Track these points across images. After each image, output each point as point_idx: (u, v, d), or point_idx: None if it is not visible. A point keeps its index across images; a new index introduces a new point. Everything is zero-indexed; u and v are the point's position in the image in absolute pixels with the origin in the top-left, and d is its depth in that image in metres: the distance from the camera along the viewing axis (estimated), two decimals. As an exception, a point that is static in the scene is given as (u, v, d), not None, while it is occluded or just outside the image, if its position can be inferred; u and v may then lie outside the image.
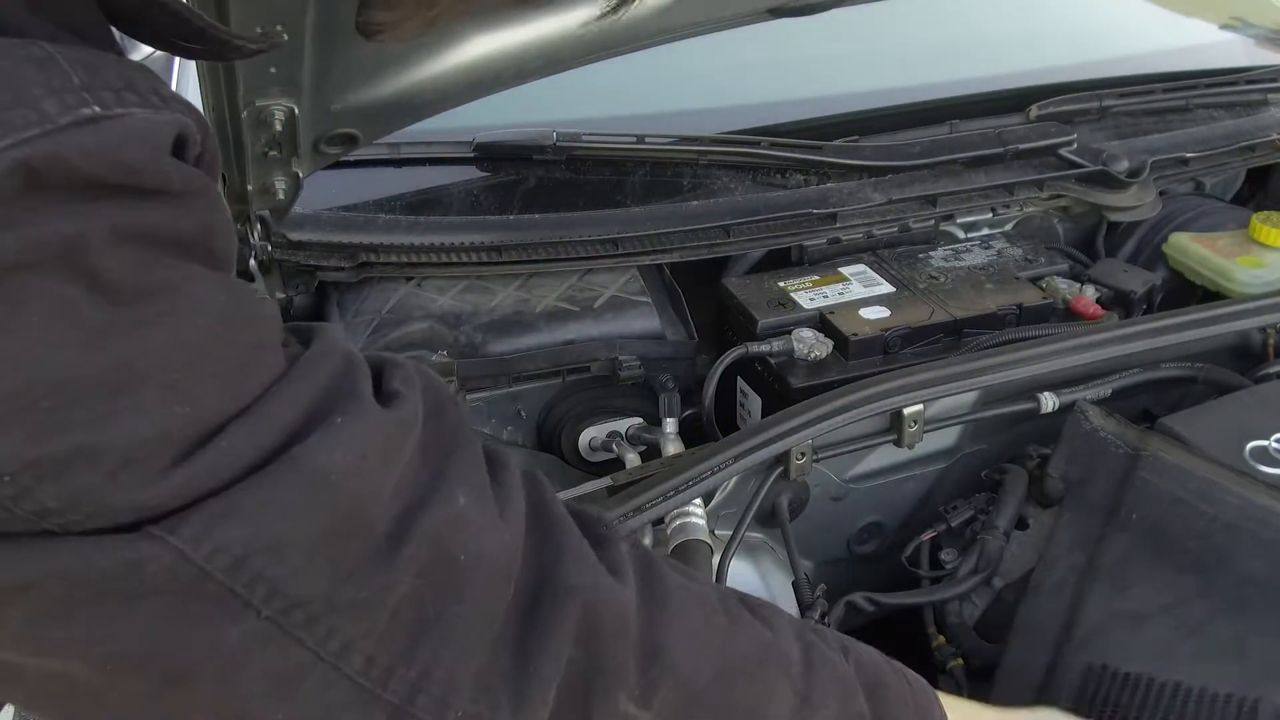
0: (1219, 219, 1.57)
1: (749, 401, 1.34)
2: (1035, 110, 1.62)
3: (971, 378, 1.11)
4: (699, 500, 1.02)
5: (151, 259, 0.48)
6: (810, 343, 1.25)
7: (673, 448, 1.20)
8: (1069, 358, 1.14)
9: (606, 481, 1.10)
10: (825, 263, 1.42)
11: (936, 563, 1.12)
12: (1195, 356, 1.20)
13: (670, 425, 1.24)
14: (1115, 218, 1.55)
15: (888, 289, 1.36)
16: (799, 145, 1.49)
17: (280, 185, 1.09)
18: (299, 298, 1.30)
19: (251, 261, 1.24)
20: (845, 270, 1.39)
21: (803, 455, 1.05)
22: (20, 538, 0.46)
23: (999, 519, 1.10)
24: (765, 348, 1.25)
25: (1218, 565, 0.95)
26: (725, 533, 1.07)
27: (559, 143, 1.42)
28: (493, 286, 1.34)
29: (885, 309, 1.31)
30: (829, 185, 1.47)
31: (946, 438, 1.18)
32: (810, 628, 0.76)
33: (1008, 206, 1.52)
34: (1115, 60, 1.83)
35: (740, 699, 0.67)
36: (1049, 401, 1.13)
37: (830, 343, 1.26)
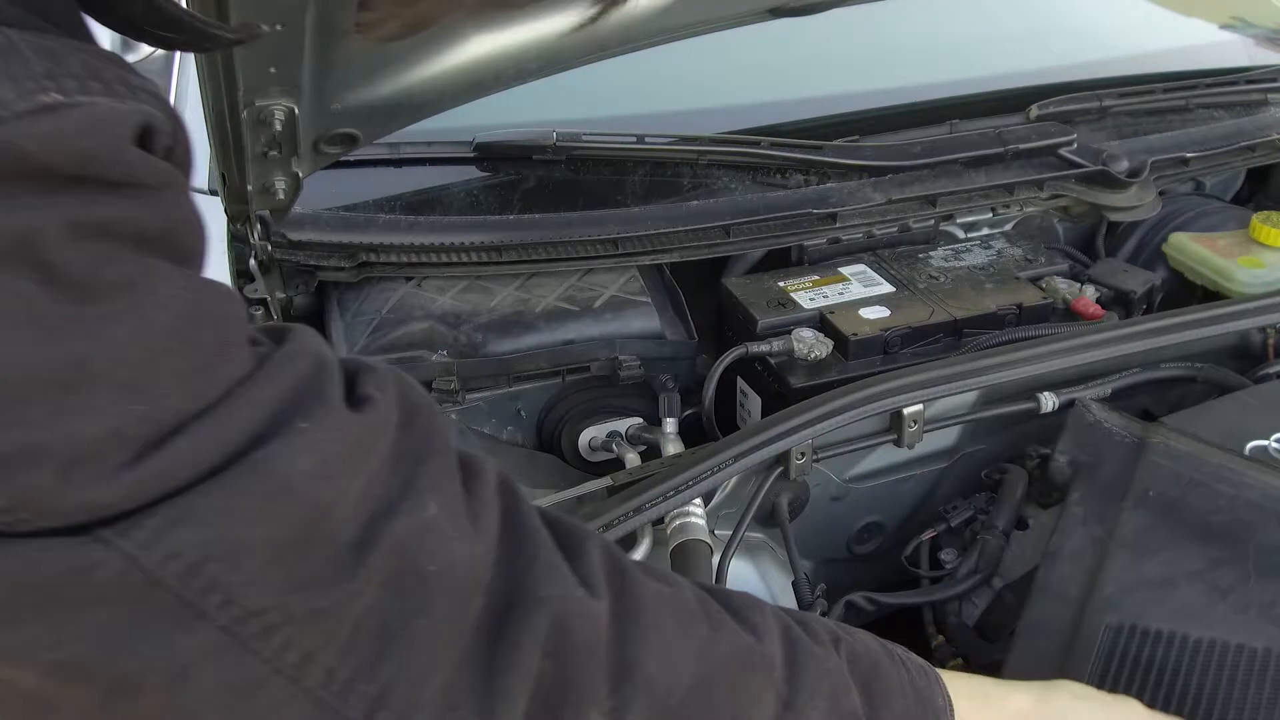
0: (1219, 219, 1.57)
1: (749, 401, 1.34)
2: (1035, 110, 1.62)
3: (971, 378, 1.11)
4: (699, 500, 1.02)
5: (111, 253, 0.47)
6: (810, 343, 1.25)
7: (673, 448, 1.20)
8: (1069, 358, 1.14)
9: (606, 481, 1.10)
10: (825, 263, 1.42)
11: (936, 563, 1.13)
12: (1195, 356, 1.20)
13: (670, 425, 1.24)
14: (1115, 218, 1.55)
15: (888, 289, 1.36)
16: (799, 145, 1.49)
17: (280, 185, 1.09)
18: (299, 298, 1.30)
19: (251, 261, 1.24)
20: (845, 270, 1.40)
21: (803, 455, 1.05)
22: None
23: (999, 519, 1.10)
24: (765, 348, 1.25)
25: (1246, 536, 0.94)
26: (725, 533, 1.07)
27: (559, 143, 1.42)
28: (493, 286, 1.34)
29: (885, 309, 1.31)
30: (829, 185, 1.47)
31: (946, 438, 1.18)
32: (800, 621, 0.74)
33: (1008, 206, 1.52)
34: (1115, 60, 1.83)
35: (719, 709, 0.65)
36: (1049, 401, 1.13)
37: (830, 343, 1.26)
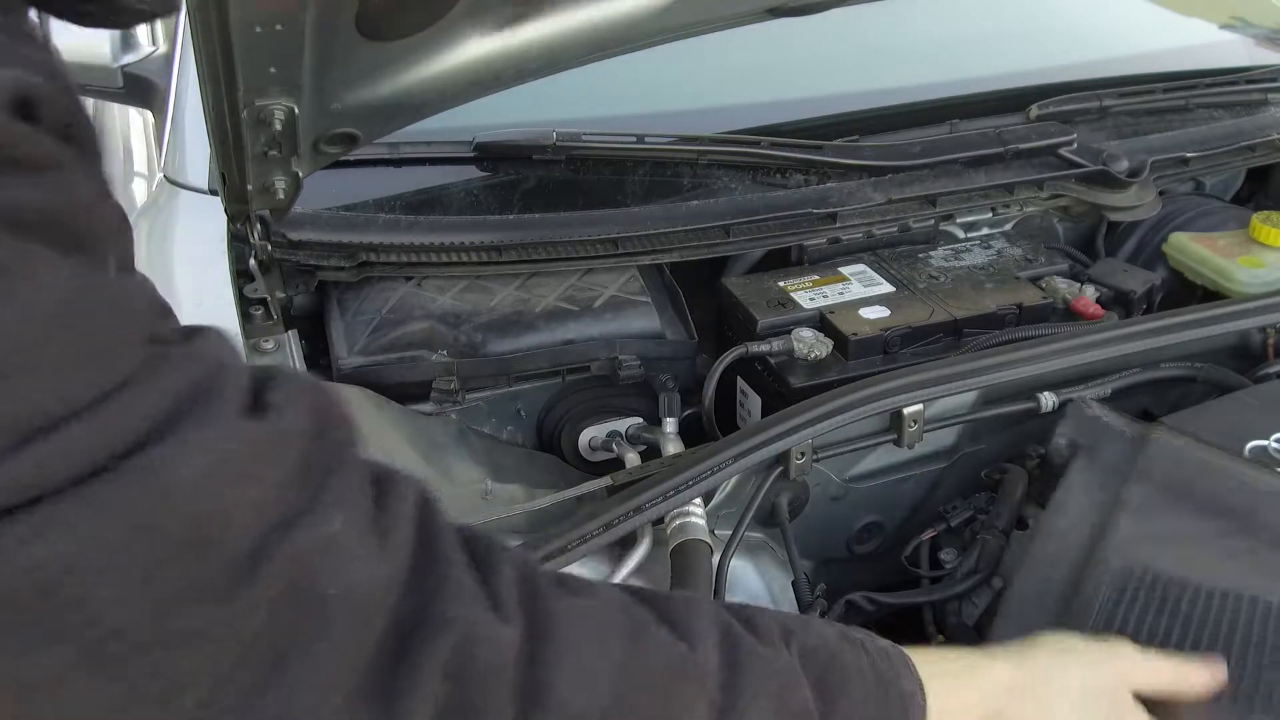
0: (1219, 219, 1.57)
1: (749, 401, 1.34)
2: (1035, 110, 1.62)
3: (971, 378, 1.11)
4: (699, 500, 1.02)
5: None
6: (810, 342, 1.25)
7: (673, 447, 1.20)
8: (1069, 358, 1.14)
9: (606, 481, 1.10)
10: (825, 262, 1.42)
11: (936, 562, 1.12)
12: (1195, 356, 1.20)
13: (670, 425, 1.23)
14: (1115, 217, 1.55)
15: (888, 289, 1.36)
16: (799, 145, 1.49)
17: (280, 185, 1.09)
18: (299, 297, 1.30)
19: (251, 261, 1.24)
20: (845, 270, 1.39)
21: (803, 455, 1.05)
22: None
23: (999, 519, 1.10)
24: (765, 347, 1.25)
25: (1253, 514, 0.93)
26: (725, 533, 1.07)
27: (559, 143, 1.42)
28: (492, 286, 1.34)
29: (885, 309, 1.31)
30: (829, 185, 1.47)
31: (946, 438, 1.18)
32: (745, 620, 0.70)
33: (1008, 206, 1.52)
34: (1115, 60, 1.83)
35: None
36: (1049, 401, 1.13)
37: (830, 342, 1.26)
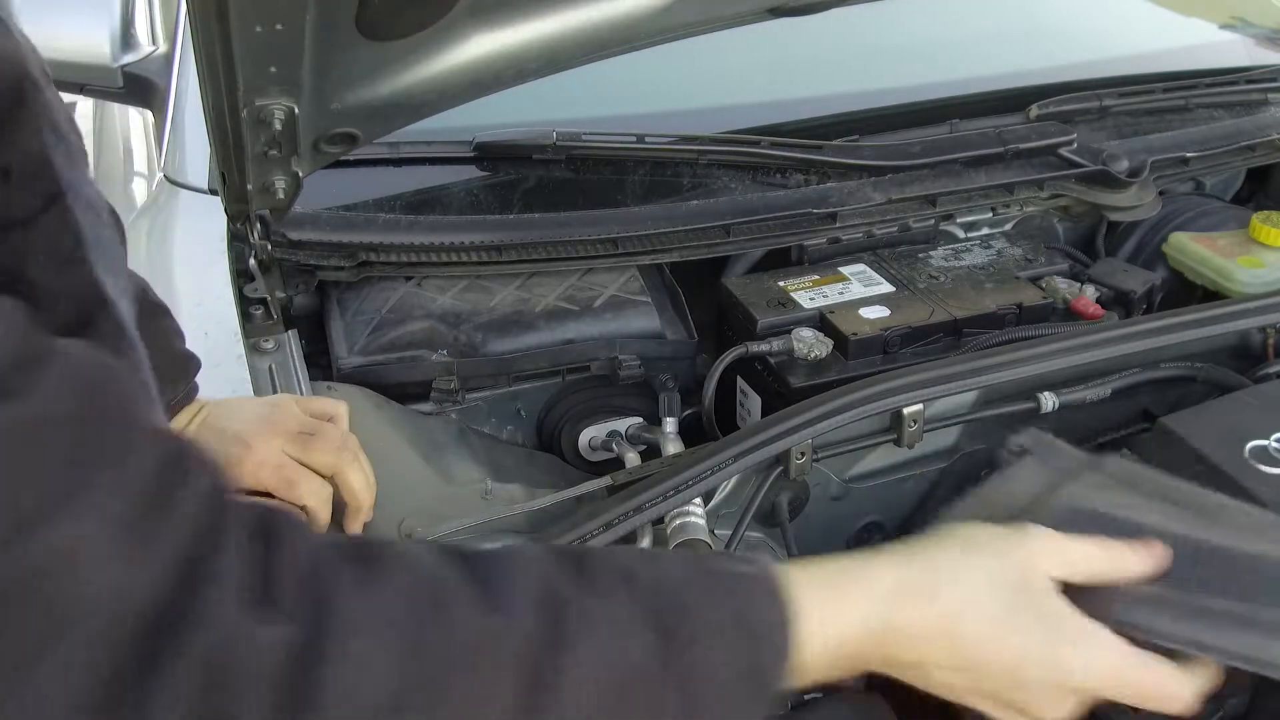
0: (1219, 219, 1.57)
1: (749, 401, 1.34)
2: (1035, 110, 1.62)
3: (971, 378, 1.11)
4: (699, 500, 1.02)
5: None
6: (810, 342, 1.25)
7: (673, 447, 1.20)
8: (1069, 358, 1.14)
9: (606, 481, 1.10)
10: (825, 262, 1.42)
11: (936, 562, 1.12)
12: (1195, 356, 1.20)
13: (670, 425, 1.23)
14: (1115, 217, 1.55)
15: (888, 288, 1.36)
16: (799, 145, 1.49)
17: (280, 185, 1.09)
18: (299, 297, 1.30)
19: (251, 261, 1.24)
20: (845, 270, 1.40)
21: (803, 455, 1.05)
22: None
23: (999, 519, 1.10)
24: (765, 347, 1.25)
25: (1208, 511, 0.86)
26: (725, 533, 1.07)
27: (559, 142, 1.42)
28: (492, 286, 1.34)
29: (885, 308, 1.31)
30: (829, 185, 1.47)
31: (946, 437, 1.18)
32: (575, 564, 0.63)
33: (1008, 206, 1.52)
34: (1115, 60, 1.83)
35: (441, 707, 0.57)
36: (1049, 401, 1.13)
37: (830, 342, 1.26)
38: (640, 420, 1.30)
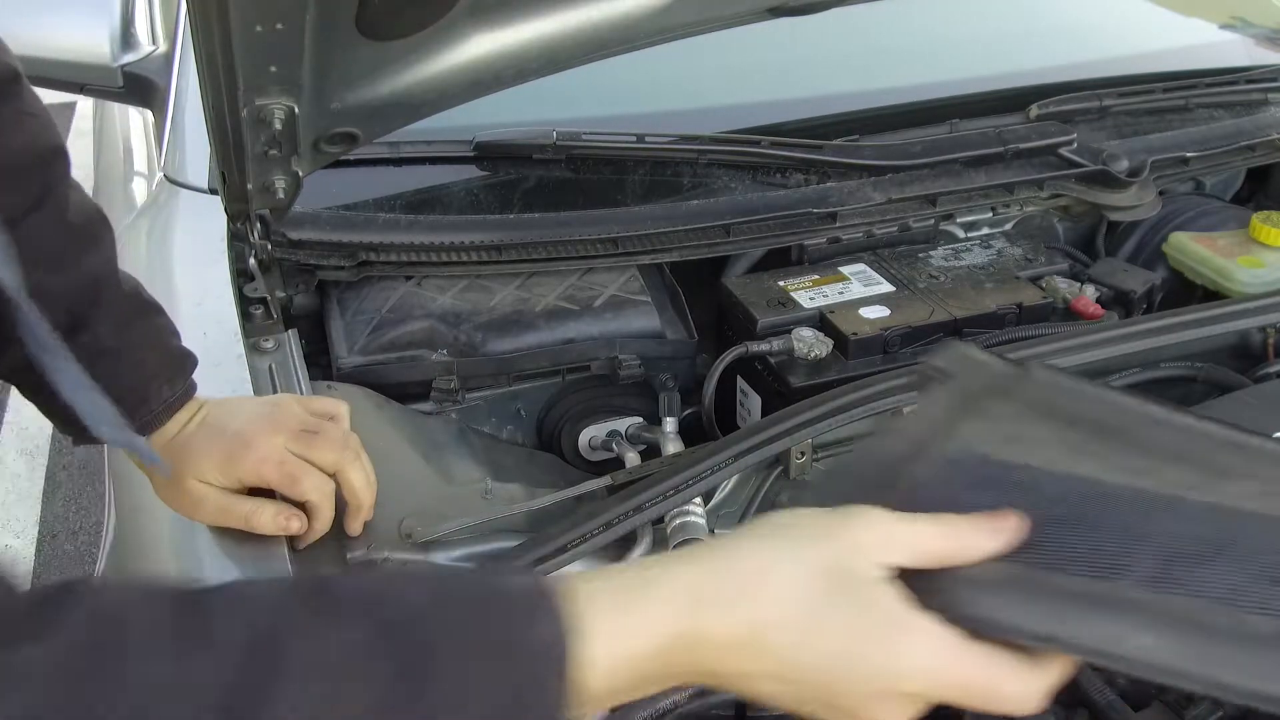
0: (1219, 219, 1.57)
1: (749, 401, 1.34)
2: (1035, 110, 1.62)
3: (971, 377, 1.11)
4: (699, 499, 1.03)
5: None
6: (810, 342, 1.25)
7: (673, 447, 1.20)
8: (1069, 357, 1.14)
9: (606, 481, 1.10)
10: (825, 262, 1.42)
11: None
12: (1195, 356, 1.20)
13: (670, 424, 1.24)
14: (1115, 217, 1.55)
15: (888, 288, 1.36)
16: (799, 145, 1.49)
17: (280, 184, 1.09)
18: (299, 297, 1.30)
19: (251, 260, 1.24)
20: (845, 270, 1.40)
21: (803, 455, 1.05)
22: None
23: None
24: (765, 347, 1.25)
25: (1128, 430, 0.77)
26: (725, 533, 1.07)
27: (559, 142, 1.42)
28: (492, 285, 1.34)
29: (885, 308, 1.31)
30: (829, 185, 1.47)
31: (946, 437, 1.18)
32: (313, 594, 0.57)
33: (1008, 206, 1.52)
34: (1115, 60, 1.83)
35: None
36: (1049, 401, 1.13)
37: (830, 342, 1.26)
38: (640, 420, 1.30)
